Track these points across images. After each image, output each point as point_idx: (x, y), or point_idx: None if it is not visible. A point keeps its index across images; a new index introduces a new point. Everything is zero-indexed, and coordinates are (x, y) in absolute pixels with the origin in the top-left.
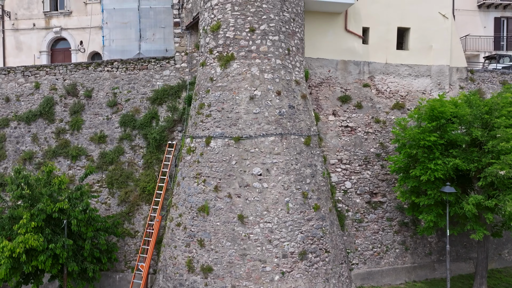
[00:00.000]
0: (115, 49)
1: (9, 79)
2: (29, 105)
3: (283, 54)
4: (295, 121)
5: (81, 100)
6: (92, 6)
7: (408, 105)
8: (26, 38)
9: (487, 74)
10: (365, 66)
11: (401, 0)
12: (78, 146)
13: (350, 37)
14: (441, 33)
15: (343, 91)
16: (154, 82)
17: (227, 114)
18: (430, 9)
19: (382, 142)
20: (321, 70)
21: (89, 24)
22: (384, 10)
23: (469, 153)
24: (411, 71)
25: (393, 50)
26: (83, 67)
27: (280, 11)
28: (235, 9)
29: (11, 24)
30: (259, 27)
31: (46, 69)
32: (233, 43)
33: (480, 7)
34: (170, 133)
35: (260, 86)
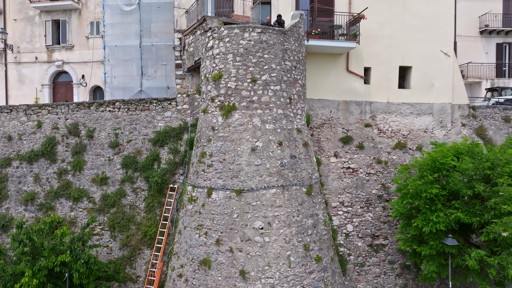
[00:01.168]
0: (117, 86)
1: (12, 117)
2: (31, 144)
3: (285, 103)
4: (297, 171)
5: (83, 140)
6: (94, 40)
7: (410, 144)
8: (28, 71)
9: (489, 110)
10: (366, 106)
11: (402, 40)
12: (80, 188)
13: (351, 78)
14: (443, 71)
15: (345, 132)
16: (155, 123)
17: (229, 166)
18: (432, 48)
19: (384, 183)
20: (323, 111)
21: (91, 59)
22: (386, 50)
23: (471, 205)
24: (413, 109)
25: (394, 89)
26: (85, 107)
27: (281, 60)
28: (236, 59)
29: (14, 57)
30: (261, 78)
31: (48, 108)
32: (235, 93)
33: (482, 33)
34: (172, 176)
35: (262, 137)
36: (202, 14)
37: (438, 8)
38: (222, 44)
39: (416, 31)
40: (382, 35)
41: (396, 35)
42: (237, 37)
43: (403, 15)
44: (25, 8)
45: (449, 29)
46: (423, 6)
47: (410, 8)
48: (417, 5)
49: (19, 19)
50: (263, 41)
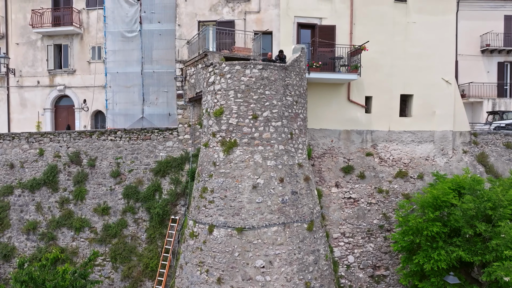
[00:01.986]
0: (119, 112)
1: (14, 145)
2: (33, 172)
3: (286, 139)
4: (298, 207)
5: (84, 169)
6: (95, 65)
7: (411, 172)
8: (30, 95)
9: (490, 137)
10: (368, 135)
11: (404, 68)
12: (81, 217)
13: (353, 107)
14: (444, 98)
15: (346, 161)
16: (157, 153)
17: (230, 203)
18: (433, 76)
19: (385, 213)
20: (324, 141)
21: (93, 83)
22: (387, 79)
23: (472, 243)
24: (414, 137)
25: (396, 118)
26: (87, 135)
27: (283, 96)
28: (238, 96)
29: (16, 81)
30: (262, 114)
31: (50, 136)
32: (236, 129)
33: (483, 52)
34: (173, 207)
35: (263, 174)
36: (203, 48)
37: (439, 36)
38: (223, 80)
39: (417, 60)
40: (384, 64)
41: (397, 64)
42: (238, 74)
43: (404, 43)
44: (27, 32)
45: (450, 57)
46: (424, 35)
47: (411, 37)
48: (418, 33)
49: (21, 43)
50: (264, 78)
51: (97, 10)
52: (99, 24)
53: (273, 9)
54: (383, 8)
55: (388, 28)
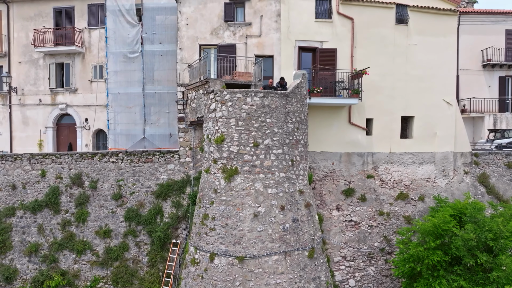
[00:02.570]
0: (120, 132)
1: (16, 165)
2: (35, 194)
3: (287, 166)
4: (299, 235)
5: (86, 191)
6: (97, 84)
7: (412, 194)
8: (32, 113)
9: (491, 157)
10: (369, 157)
11: (405, 90)
12: (83, 240)
13: (354, 130)
14: (446, 120)
15: (347, 184)
16: (158, 175)
17: (231, 231)
18: (434, 97)
19: (386, 236)
20: (325, 163)
21: (94, 102)
22: (388, 101)
23: (473, 272)
24: (415, 158)
25: (397, 139)
26: (88, 157)
27: (284, 123)
28: (239, 124)
29: (18, 99)
30: (263, 142)
31: (51, 157)
32: (237, 157)
33: (484, 67)
34: (175, 231)
35: (264, 202)
36: (204, 75)
37: (440, 57)
38: (224, 108)
39: (418, 81)
40: (385, 87)
41: (398, 85)
42: (239, 102)
43: (405, 65)
44: (29, 51)
45: (451, 78)
46: (425, 56)
47: (412, 59)
48: (419, 55)
49: (24, 62)
50: (265, 106)
51: (99, 30)
52: (101, 43)
53: (274, 33)
54: (384, 31)
55: (389, 50)
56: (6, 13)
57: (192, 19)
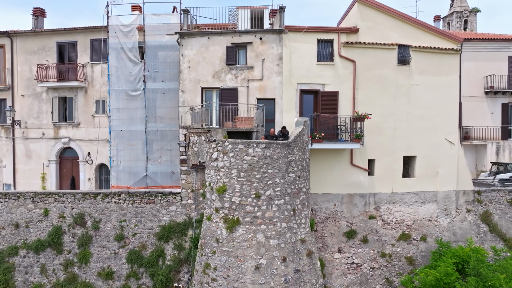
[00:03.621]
0: (123, 169)
1: (19, 204)
2: (38, 233)
3: (289, 216)
4: (301, 285)
5: (89, 231)
6: (100, 119)
7: (414, 234)
8: (35, 147)
9: (494, 194)
10: (371, 198)
11: (406, 130)
12: (86, 281)
13: (356, 171)
14: (448, 159)
15: (349, 225)
16: (160, 217)
17: (233, 283)
18: (436, 136)
19: (388, 277)
20: (327, 205)
21: (97, 137)
22: (390, 142)
23: None
24: (417, 198)
25: (399, 179)
26: (91, 197)
27: (285, 173)
28: (241, 175)
29: (21, 133)
30: (265, 193)
31: (54, 196)
32: (239, 208)
33: (487, 94)
34: (177, 274)
35: (266, 254)
36: (206, 122)
37: (442, 96)
38: (226, 158)
39: (420, 121)
40: (387, 127)
41: (400, 126)
42: (241, 153)
43: (408, 105)
44: (32, 84)
45: (454, 117)
46: (427, 96)
47: (414, 99)
48: (421, 95)
49: (27, 95)
50: (267, 157)
51: (101, 65)
52: (103, 78)
53: (276, 77)
54: (386, 72)
55: (391, 91)
56: (10, 46)
57: (194, 62)
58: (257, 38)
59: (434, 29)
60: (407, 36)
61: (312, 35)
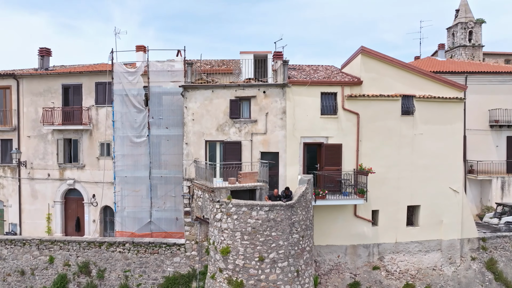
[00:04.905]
0: (127, 215)
1: (25, 250)
2: (44, 281)
3: (292, 278)
4: None
5: (93, 280)
6: (104, 161)
7: (418, 284)
8: (41, 187)
9: (499, 240)
10: (374, 248)
11: (410, 180)
12: None
13: (359, 222)
14: (452, 207)
15: (353, 277)
16: (165, 267)
17: None
18: (440, 185)
19: None
20: (330, 256)
21: (102, 179)
22: (394, 192)
23: None
24: (421, 247)
25: (403, 228)
26: (96, 246)
27: (289, 235)
28: (244, 238)
29: (27, 173)
30: (268, 256)
31: (60, 243)
32: (243, 270)
33: (492, 127)
34: None
35: None
36: (211, 181)
37: (446, 144)
38: (230, 220)
39: (424, 170)
40: (391, 178)
41: (404, 176)
42: (245, 215)
43: (411, 155)
44: (38, 125)
45: (458, 165)
46: (431, 145)
47: (418, 148)
48: (425, 144)
49: (33, 136)
50: (270, 219)
51: (106, 108)
52: (108, 121)
53: (280, 131)
54: (390, 123)
55: (394, 141)
56: (16, 88)
57: (198, 115)
58: (261, 91)
59: (438, 78)
60: (411, 86)
61: (315, 88)
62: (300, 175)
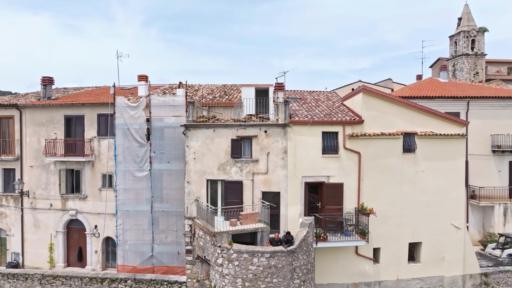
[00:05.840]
0: (129, 249)
1: (27, 285)
2: None
3: None
4: None
5: None
6: (106, 192)
7: None
8: (43, 217)
9: (501, 275)
10: (376, 286)
11: (412, 217)
12: None
13: (361, 260)
14: (454, 243)
15: None
16: None
17: None
18: (442, 222)
19: None
20: None
21: (104, 210)
22: (395, 229)
23: None
24: (423, 284)
25: (404, 265)
26: (98, 282)
27: (290, 281)
28: (245, 284)
29: (30, 203)
30: None
31: (62, 279)
32: None
33: (494, 152)
34: None
35: None
36: (212, 224)
37: (448, 180)
38: (231, 266)
39: (426, 207)
40: (392, 215)
41: (406, 213)
42: (246, 262)
43: (413, 192)
44: (40, 155)
45: (460, 201)
46: (433, 181)
47: (420, 185)
48: (427, 181)
49: (35, 166)
50: (272, 266)
51: (108, 139)
52: (110, 153)
53: (281, 170)
54: (391, 161)
55: (396, 179)
56: (19, 118)
57: (199, 154)
58: (262, 131)
59: (439, 114)
60: (412, 122)
61: (317, 127)
62: (301, 218)
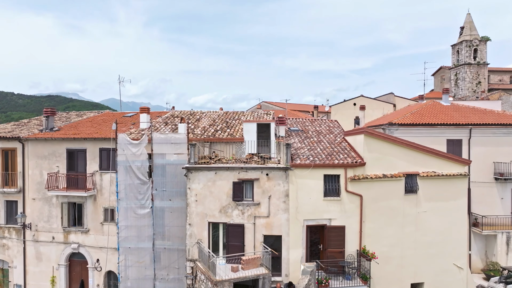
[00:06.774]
0: (131, 286)
1: None
2: None
3: None
4: None
5: None
6: (108, 227)
7: None
8: (45, 250)
9: None
10: None
11: (414, 258)
12: None
13: None
14: (457, 283)
15: None
16: None
17: None
18: (445, 262)
19: None
20: None
21: (106, 244)
22: (397, 270)
23: None
24: None
25: None
26: None
27: None
28: None
29: (32, 235)
30: None
31: None
32: None
33: (497, 180)
34: None
35: None
36: (214, 272)
37: (450, 220)
38: None
39: (428, 248)
40: (394, 256)
41: (408, 254)
42: None
43: (415, 233)
44: (43, 188)
45: (462, 241)
46: (435, 222)
47: (422, 226)
48: (429, 221)
49: (38, 199)
50: None
51: (110, 174)
52: (112, 187)
53: (282, 214)
54: (393, 202)
55: (398, 220)
56: (22, 151)
57: (201, 196)
58: (264, 174)
59: (441, 154)
60: (414, 163)
61: (318, 170)
62: (303, 265)
